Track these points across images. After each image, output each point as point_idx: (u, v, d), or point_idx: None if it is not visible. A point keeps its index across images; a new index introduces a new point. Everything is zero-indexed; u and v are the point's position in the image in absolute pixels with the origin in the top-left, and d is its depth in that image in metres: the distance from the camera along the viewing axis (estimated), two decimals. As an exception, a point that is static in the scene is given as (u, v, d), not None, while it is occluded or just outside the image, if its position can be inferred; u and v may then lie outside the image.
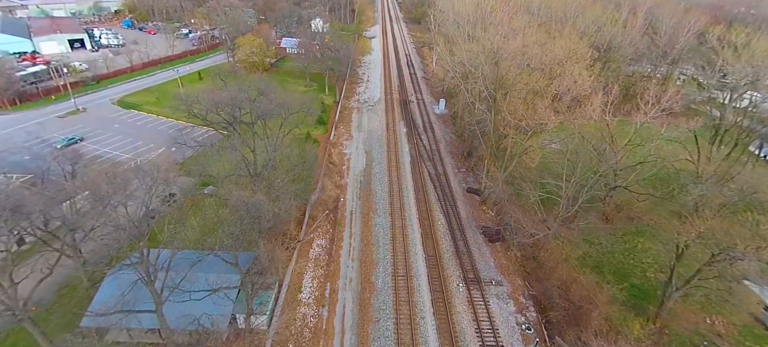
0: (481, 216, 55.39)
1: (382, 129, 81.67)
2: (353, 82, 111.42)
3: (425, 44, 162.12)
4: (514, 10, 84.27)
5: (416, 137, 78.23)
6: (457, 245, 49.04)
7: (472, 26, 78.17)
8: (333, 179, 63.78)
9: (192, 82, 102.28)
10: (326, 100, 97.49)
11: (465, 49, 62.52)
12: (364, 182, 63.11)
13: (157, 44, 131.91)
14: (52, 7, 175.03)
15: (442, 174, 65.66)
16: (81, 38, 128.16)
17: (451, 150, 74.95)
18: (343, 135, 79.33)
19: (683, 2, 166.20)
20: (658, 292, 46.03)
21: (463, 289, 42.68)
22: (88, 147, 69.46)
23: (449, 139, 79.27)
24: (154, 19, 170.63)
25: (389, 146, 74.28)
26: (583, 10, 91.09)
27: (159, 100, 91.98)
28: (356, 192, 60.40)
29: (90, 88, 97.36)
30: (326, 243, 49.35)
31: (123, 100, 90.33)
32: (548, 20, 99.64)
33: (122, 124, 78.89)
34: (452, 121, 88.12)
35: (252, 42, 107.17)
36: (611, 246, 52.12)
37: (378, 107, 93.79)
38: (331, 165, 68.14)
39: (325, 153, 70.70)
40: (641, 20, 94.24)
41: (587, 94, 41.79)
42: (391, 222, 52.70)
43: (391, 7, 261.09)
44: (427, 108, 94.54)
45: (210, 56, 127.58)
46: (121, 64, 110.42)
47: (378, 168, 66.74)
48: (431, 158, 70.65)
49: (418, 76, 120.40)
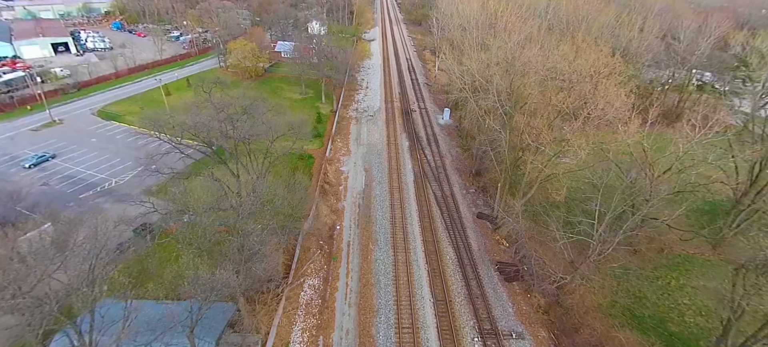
0: (495, 249, 49.21)
1: (382, 142, 75.46)
2: (352, 88, 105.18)
3: (427, 47, 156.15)
4: (526, 15, 78.10)
5: (420, 152, 72.03)
6: (469, 285, 42.87)
7: (480, 31, 72.00)
8: (328, 202, 57.60)
9: (179, 89, 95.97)
10: (323, 109, 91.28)
11: (475, 59, 56.33)
12: (363, 206, 56.92)
13: (145, 48, 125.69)
14: (39, 9, 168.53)
15: (449, 196, 59.49)
16: (65, 42, 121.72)
17: (458, 166, 68.77)
18: (340, 149, 73.10)
19: (693, 4, 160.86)
20: (700, 343, 40.17)
21: (478, 345, 36.51)
22: (59, 166, 63.15)
23: (455, 154, 73.08)
24: (145, 20, 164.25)
25: (391, 163, 68.07)
26: (598, 14, 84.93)
27: (143, 110, 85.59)
28: (354, 219, 54.21)
29: (70, 96, 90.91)
30: (319, 284, 43.14)
31: (104, 111, 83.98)
32: (557, 24, 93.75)
33: (100, 138, 72.55)
34: (458, 132, 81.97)
35: (244, 46, 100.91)
36: (642, 285, 46.07)
37: (378, 117, 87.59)
38: (326, 185, 61.94)
39: (320, 172, 64.48)
40: (659, 24, 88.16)
41: (625, 118, 35.83)
42: (394, 257, 46.50)
43: (391, 9, 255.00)
44: (431, 118, 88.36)
45: (201, 60, 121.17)
46: (105, 69, 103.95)
47: (379, 189, 60.54)
48: (437, 177, 64.47)
49: (420, 81, 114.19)
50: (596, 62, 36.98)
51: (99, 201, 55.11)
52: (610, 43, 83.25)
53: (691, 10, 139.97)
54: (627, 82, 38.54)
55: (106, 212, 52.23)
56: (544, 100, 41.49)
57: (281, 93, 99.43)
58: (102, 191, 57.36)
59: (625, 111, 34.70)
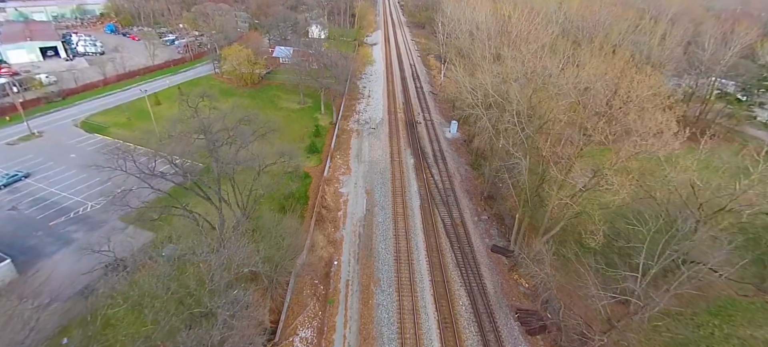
0: (513, 291, 43.42)
1: (385, 159, 69.74)
2: (353, 97, 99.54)
3: (431, 52, 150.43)
4: (543, 22, 72.18)
5: (426, 171, 66.32)
6: (486, 340, 37.10)
7: (492, 39, 66.23)
8: (326, 231, 51.94)
9: (170, 98, 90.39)
10: (322, 120, 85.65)
11: (488, 71, 50.60)
12: (364, 235, 51.23)
13: (138, 52, 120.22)
14: (31, 10, 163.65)
15: (459, 223, 53.74)
16: (54, 46, 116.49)
17: (468, 188, 63.01)
18: (339, 167, 67.43)
19: (707, 8, 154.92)
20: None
21: (500, 421, 30.82)
22: (32, 186, 57.70)
23: (465, 174, 67.30)
24: (141, 23, 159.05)
25: (395, 183, 62.38)
26: (617, 20, 78.96)
27: (130, 121, 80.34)
28: (354, 251, 48.54)
29: (54, 105, 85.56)
30: (312, 336, 37.42)
31: (87, 122, 78.58)
32: (571, 30, 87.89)
33: (81, 154, 67.06)
34: (467, 148, 76.21)
35: (238, 53, 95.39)
36: (684, 334, 40.21)
37: (381, 130, 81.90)
38: (324, 209, 56.29)
39: (317, 193, 58.82)
40: (681, 32, 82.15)
41: (676, 152, 30.11)
42: (399, 302, 40.72)
43: (394, 11, 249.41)
44: (437, 131, 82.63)
45: (196, 66, 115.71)
46: (94, 76, 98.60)
47: (381, 215, 54.85)
48: (445, 200, 58.74)
49: (424, 89, 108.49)
50: (640, 82, 31.18)
51: (70, 229, 49.61)
52: (630, 51, 77.44)
53: (709, 14, 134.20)
54: (674, 105, 32.69)
55: (77, 241, 47.04)
56: (574, 125, 35.79)
57: (278, 102, 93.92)
58: (75, 217, 51.84)
59: (678, 145, 28.99)
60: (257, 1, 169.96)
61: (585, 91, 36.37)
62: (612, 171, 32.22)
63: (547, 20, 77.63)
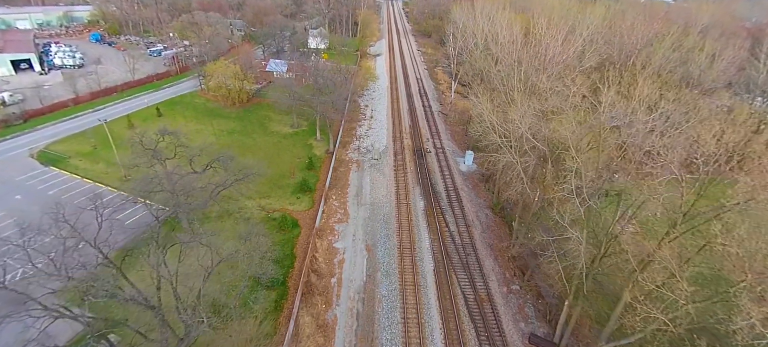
0: (566, 414, 31.96)
1: (390, 202, 58.51)
2: (353, 118, 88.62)
3: (439, 64, 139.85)
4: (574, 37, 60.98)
5: (439, 218, 55.04)
6: None
7: (521, 63, 54.99)
8: (315, 309, 40.64)
9: (148, 119, 79.96)
10: (316, 147, 74.71)
11: (527, 110, 39.43)
12: (363, 315, 39.94)
13: (119, 64, 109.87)
14: (15, 17, 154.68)
15: (484, 298, 42.33)
16: (28, 58, 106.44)
17: (491, 241, 51.67)
18: (335, 212, 56.23)
19: (742, 19, 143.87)
20: None
21: None
22: (-46, 241, 46.74)
23: (485, 221, 55.96)
24: (129, 32, 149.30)
25: (402, 236, 51.14)
26: (662, 39, 67.59)
27: (95, 150, 69.68)
28: (350, 342, 37.21)
29: (12, 129, 75.05)
30: None
31: (45, 152, 67.83)
32: (597, 46, 76.54)
33: (28, 194, 56.32)
34: (485, 184, 64.93)
35: (225, 69, 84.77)
36: None
37: (384, 160, 70.74)
38: (313, 274, 45.05)
39: (307, 252, 47.60)
40: (734, 49, 70.90)
41: None
42: None
43: (398, 19, 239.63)
44: (450, 161, 71.39)
45: (180, 81, 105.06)
46: (64, 94, 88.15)
47: (386, 284, 43.55)
48: (464, 261, 47.41)
49: (433, 109, 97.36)
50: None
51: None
52: (677, 73, 66.24)
53: (741, 27, 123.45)
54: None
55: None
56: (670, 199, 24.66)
57: (268, 125, 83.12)
58: (-2, 289, 40.76)
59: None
60: (254, 8, 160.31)
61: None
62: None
63: (577, 35, 66.42)
